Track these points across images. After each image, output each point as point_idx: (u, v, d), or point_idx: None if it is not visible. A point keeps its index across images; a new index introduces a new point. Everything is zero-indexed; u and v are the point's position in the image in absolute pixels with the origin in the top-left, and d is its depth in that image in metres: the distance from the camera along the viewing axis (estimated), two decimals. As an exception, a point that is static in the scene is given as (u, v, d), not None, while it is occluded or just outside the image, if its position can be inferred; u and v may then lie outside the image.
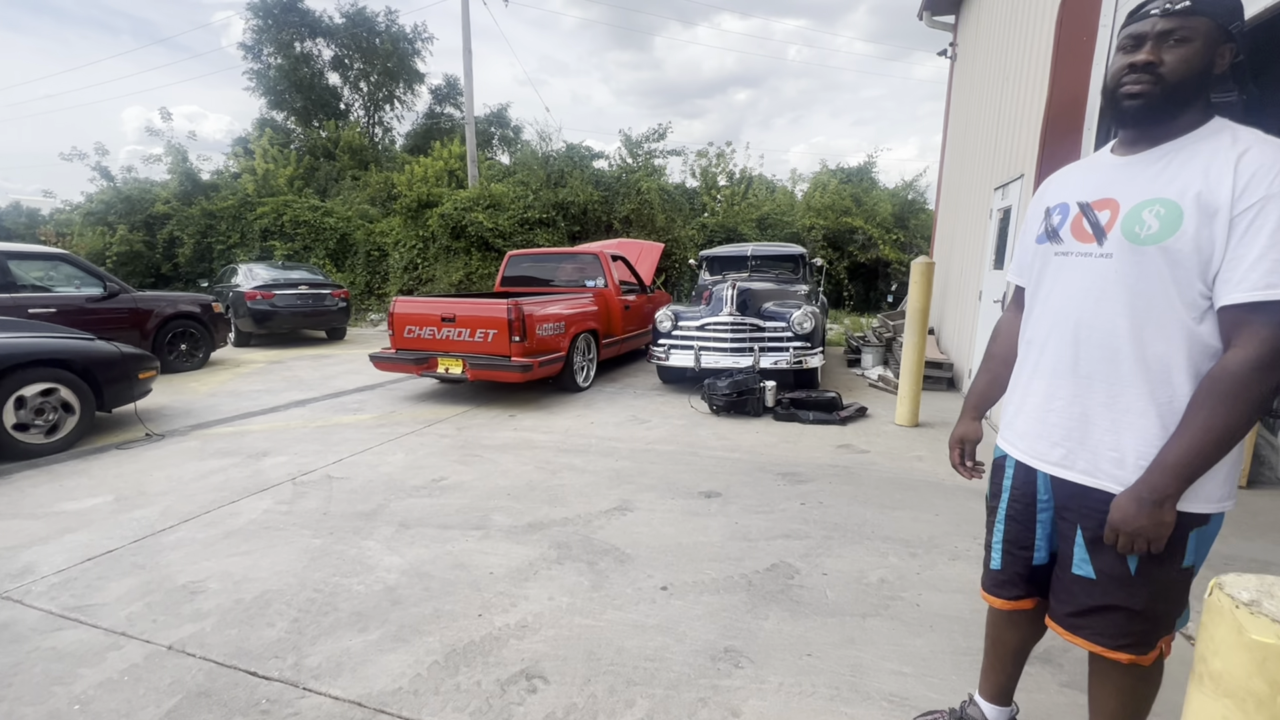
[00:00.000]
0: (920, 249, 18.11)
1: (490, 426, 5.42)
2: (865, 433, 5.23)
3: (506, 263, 8.50)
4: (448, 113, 28.89)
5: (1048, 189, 1.59)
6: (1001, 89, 6.14)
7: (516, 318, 5.87)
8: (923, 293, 5.19)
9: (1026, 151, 5.12)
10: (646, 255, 10.09)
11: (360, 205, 18.26)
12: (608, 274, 7.84)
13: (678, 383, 7.29)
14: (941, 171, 9.75)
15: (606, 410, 6.02)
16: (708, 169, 19.24)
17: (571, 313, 6.73)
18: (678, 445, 4.85)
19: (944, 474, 4.21)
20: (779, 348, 6.39)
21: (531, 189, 15.51)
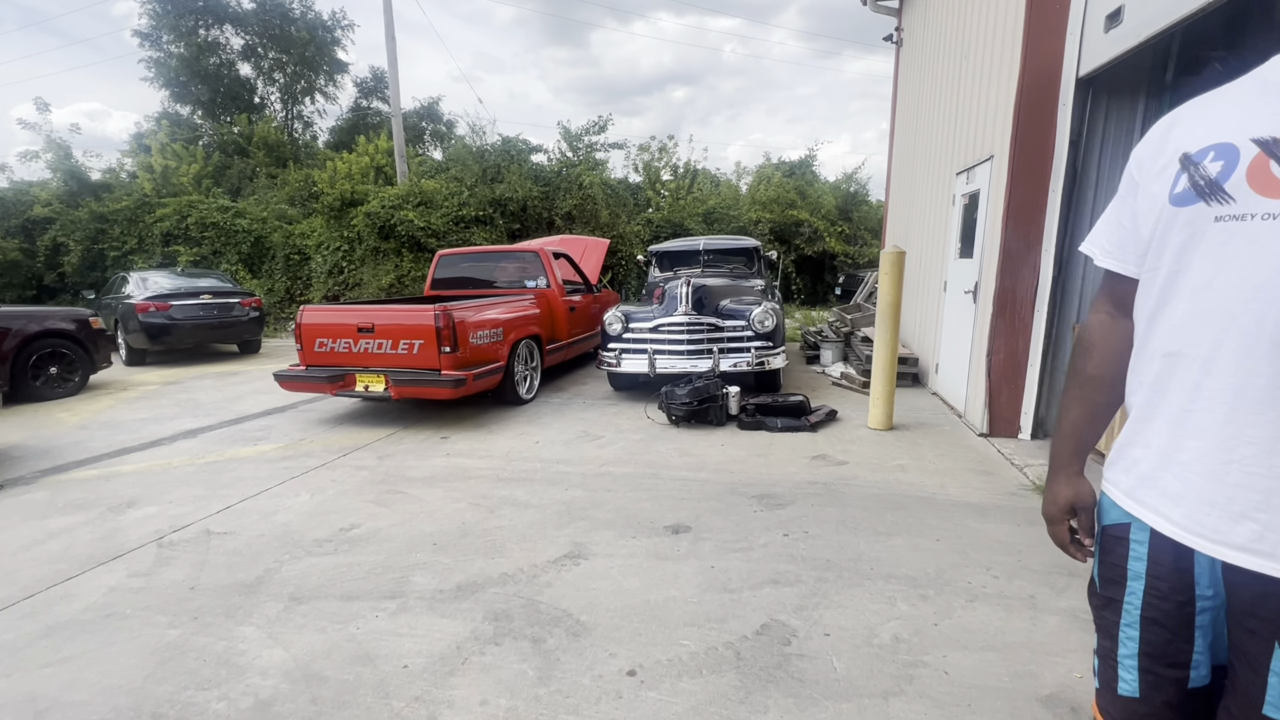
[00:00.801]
0: (865, 240, 18.19)
1: (418, 453, 4.69)
2: (839, 439, 4.79)
3: (436, 264, 7.69)
4: (375, 107, 27.29)
5: (1178, 127, 1.07)
6: (961, 69, 5.84)
7: (445, 325, 5.14)
8: (894, 285, 4.79)
9: (996, 132, 4.79)
10: (591, 252, 9.46)
11: (277, 205, 16.81)
12: (549, 273, 7.18)
13: (631, 389, 6.71)
14: (891, 159, 9.53)
15: (554, 426, 5.37)
16: (650, 163, 18.77)
17: (510, 317, 6.04)
18: (636, 466, 4.27)
19: (932, 487, 3.79)
20: (739, 349, 5.90)
21: (466, 185, 14.59)
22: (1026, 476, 3.94)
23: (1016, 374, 4.64)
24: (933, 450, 4.48)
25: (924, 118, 7.35)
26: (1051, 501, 1.21)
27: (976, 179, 5.22)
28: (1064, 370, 4.61)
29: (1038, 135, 4.35)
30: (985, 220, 4.93)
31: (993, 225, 4.74)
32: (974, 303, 5.09)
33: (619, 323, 6.14)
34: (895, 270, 4.76)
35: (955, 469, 4.08)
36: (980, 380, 4.89)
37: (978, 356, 4.98)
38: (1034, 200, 4.42)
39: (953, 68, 6.11)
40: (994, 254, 4.66)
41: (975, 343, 5.05)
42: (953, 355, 5.65)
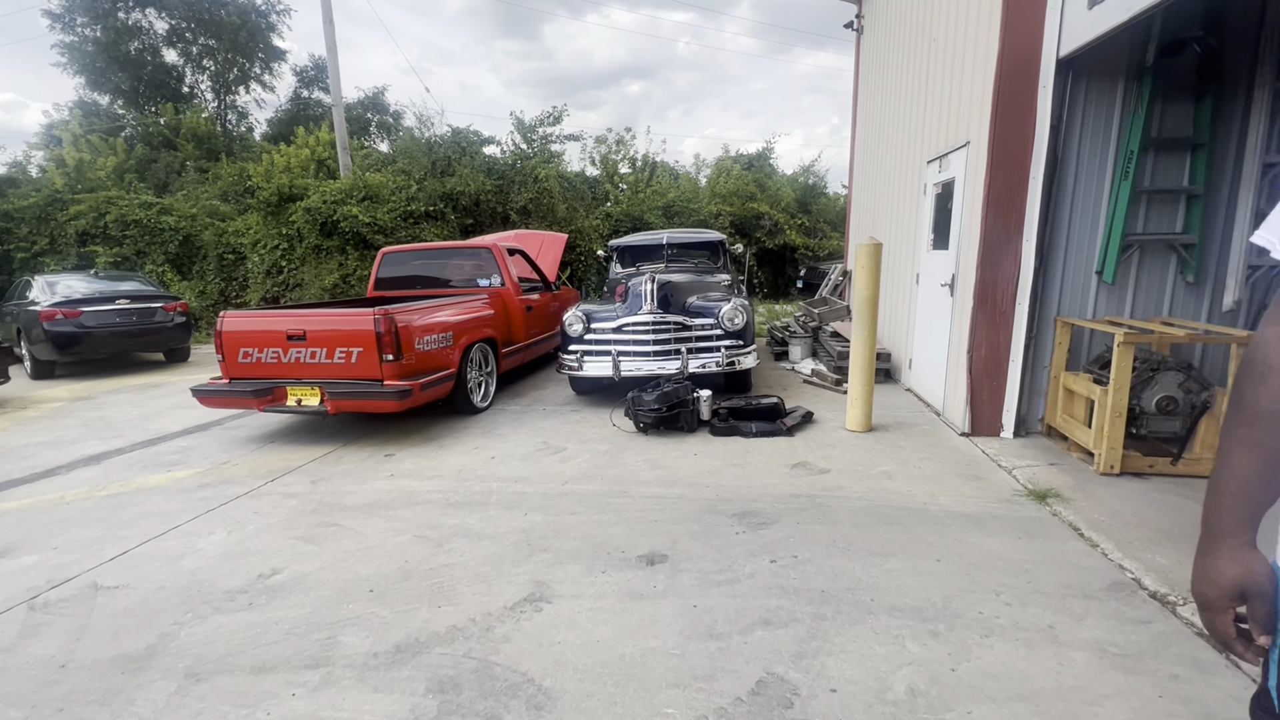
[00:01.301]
0: (824, 233, 18.18)
1: (358, 475, 4.19)
2: (817, 443, 4.51)
3: (380, 262, 7.12)
4: (316, 98, 25.94)
5: None
6: (930, 54, 5.63)
7: (387, 330, 4.64)
8: (871, 279, 4.53)
9: (972, 117, 4.57)
10: (549, 248, 9.00)
11: (209, 201, 15.68)
12: (504, 270, 6.70)
13: (595, 393, 6.31)
14: (853, 150, 9.37)
15: (511, 437, 4.93)
16: (608, 156, 18.30)
17: (462, 319, 5.56)
18: (603, 482, 3.88)
19: (922, 496, 3.53)
20: (708, 348, 5.57)
21: (414, 179, 13.86)
22: (1017, 480, 3.72)
23: (998, 371, 4.44)
24: (916, 453, 4.24)
25: (889, 106, 7.15)
26: (1210, 581, 0.87)
27: (951, 166, 5.01)
28: (1045, 366, 4.45)
29: (1017, 119, 4.14)
30: (962, 209, 4.72)
31: (971, 214, 4.53)
32: (951, 296, 4.88)
33: (580, 323, 5.73)
34: (872, 263, 4.50)
35: (942, 474, 3.84)
36: (960, 377, 4.69)
37: (956, 352, 4.78)
38: (1014, 187, 4.21)
39: (921, 53, 5.91)
40: (973, 245, 4.45)
41: (953, 338, 4.85)
42: (928, 351, 5.45)
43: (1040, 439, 4.44)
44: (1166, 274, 4.27)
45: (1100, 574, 2.65)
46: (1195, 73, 4.01)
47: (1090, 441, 3.84)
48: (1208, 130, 3.99)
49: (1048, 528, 3.10)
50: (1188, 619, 2.31)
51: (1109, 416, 3.66)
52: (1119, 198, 4.09)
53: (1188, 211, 4.15)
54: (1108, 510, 3.25)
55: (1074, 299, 4.35)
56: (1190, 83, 4.02)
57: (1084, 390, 3.96)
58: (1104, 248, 4.23)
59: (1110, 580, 2.60)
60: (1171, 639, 2.20)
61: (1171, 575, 2.60)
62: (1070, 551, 2.85)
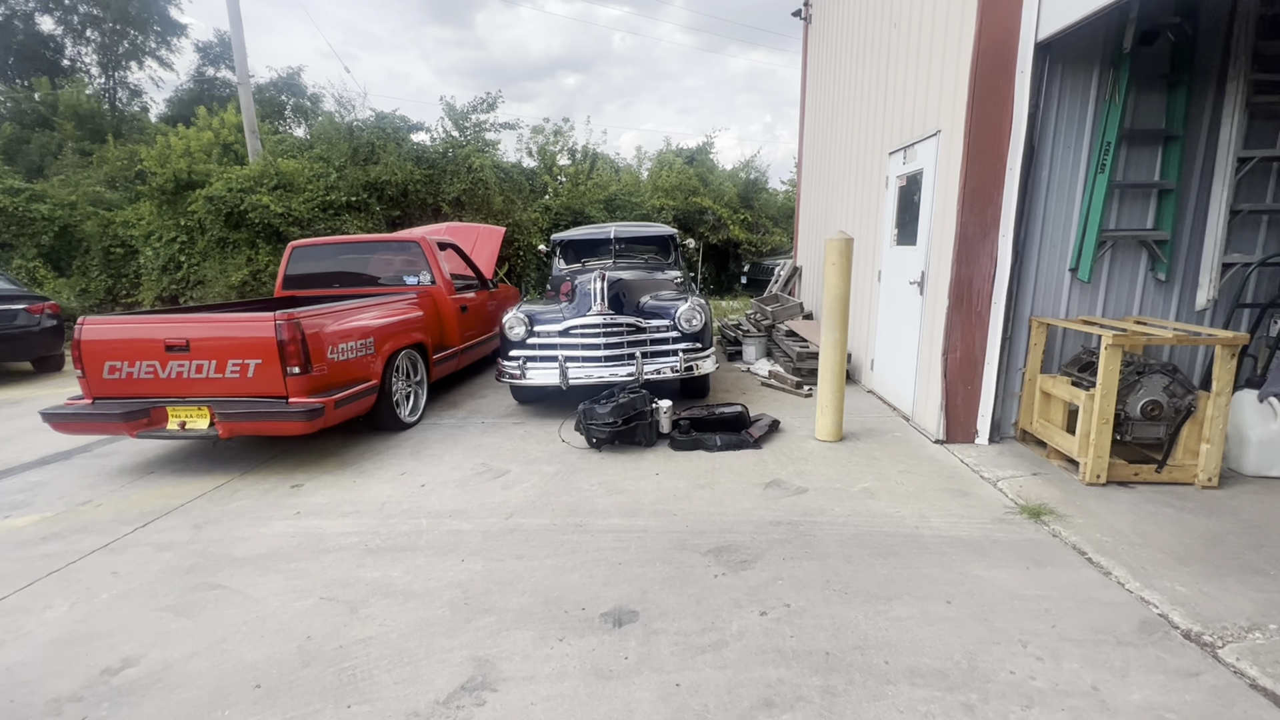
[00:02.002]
0: (766, 228, 18.13)
1: (255, 514, 3.48)
2: (788, 456, 4.13)
3: (289, 257, 6.27)
4: (223, 77, 23.77)
5: None
6: (891, 40, 5.36)
7: (292, 338, 3.92)
8: (842, 276, 4.18)
9: (943, 104, 4.29)
10: (485, 242, 8.30)
11: (92, 188, 13.93)
12: (434, 266, 6.01)
13: (539, 402, 5.74)
14: (802, 142, 9.14)
15: (445, 459, 4.31)
16: (545, 146, 17.54)
17: (385, 323, 4.86)
18: (554, 514, 3.35)
19: (911, 518, 3.20)
20: (664, 352, 5.11)
21: (334, 166, 12.72)
22: (1005, 494, 3.46)
23: (973, 374, 4.20)
24: (894, 466, 3.93)
25: (843, 96, 6.90)
26: None
27: (918, 158, 4.74)
28: (1019, 369, 4.24)
29: (994, 106, 3.87)
30: (932, 203, 4.45)
31: (944, 208, 4.26)
32: (921, 295, 4.61)
33: (521, 325, 5.14)
34: (843, 259, 4.15)
35: (927, 490, 3.53)
36: (932, 381, 4.43)
37: (927, 355, 4.52)
38: (991, 179, 3.95)
39: (880, 39, 5.64)
40: (947, 240, 4.18)
41: (924, 339, 4.59)
42: (894, 352, 5.19)
43: (1015, 445, 4.23)
44: (1138, 271, 4.14)
45: (1125, 611, 2.36)
46: (1169, 62, 3.86)
47: (1074, 449, 3.63)
48: (1181, 123, 3.85)
49: (1052, 553, 2.81)
50: (1234, 665, 2.03)
51: (1095, 423, 3.45)
52: (1094, 191, 3.90)
53: (1159, 207, 4.02)
54: (1108, 528, 3.01)
55: (1047, 298, 4.15)
56: (1163, 73, 3.87)
57: (1064, 394, 3.75)
58: (1078, 244, 4.04)
59: (1138, 619, 2.31)
60: (1229, 698, 1.91)
61: (1199, 608, 2.34)
62: (1085, 583, 2.56)
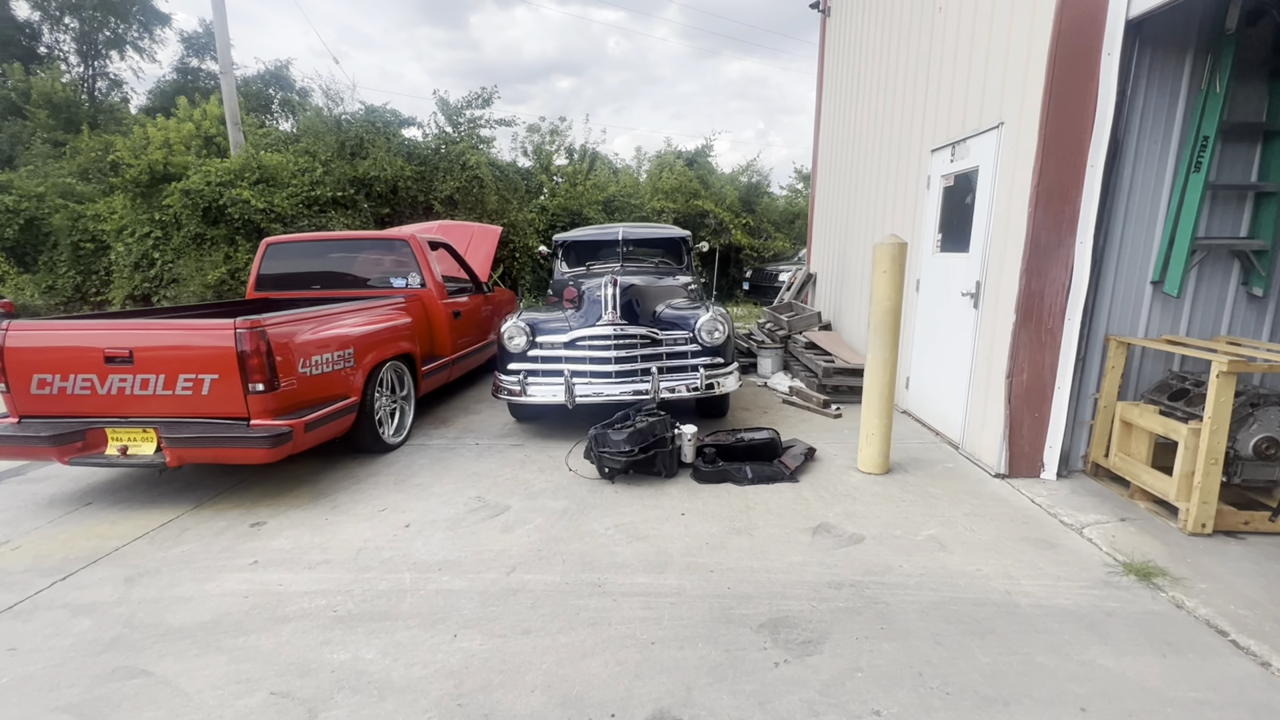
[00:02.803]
0: (768, 233, 17.66)
1: (204, 562, 2.89)
2: (831, 492, 3.59)
3: (263, 256, 5.66)
4: (208, 69, 23.04)
5: None
6: (935, 27, 4.86)
7: (255, 348, 3.33)
8: (894, 287, 3.65)
9: (1008, 93, 3.79)
10: (480, 241, 7.72)
11: (62, 179, 13.20)
12: (424, 268, 5.43)
13: (539, 419, 5.17)
14: (818, 142, 8.65)
15: (434, 490, 3.73)
16: (541, 146, 16.97)
17: (367, 330, 4.27)
18: (565, 567, 2.78)
19: (996, 579, 2.66)
20: (682, 367, 4.57)
21: (320, 160, 12.09)
22: (1097, 547, 2.93)
23: (1041, 399, 3.68)
24: (955, 505, 3.40)
25: (870, 91, 6.40)
26: None
27: (970, 154, 4.23)
28: (1092, 394, 3.73)
29: (1075, 94, 3.37)
30: (991, 204, 3.94)
31: (1008, 210, 3.75)
32: (975, 308, 4.10)
33: (522, 335, 4.58)
34: (895, 267, 3.62)
35: (1004, 540, 3.00)
36: (990, 405, 3.91)
37: (984, 375, 4.00)
38: (1068, 178, 3.45)
39: (920, 26, 5.14)
40: (1013, 247, 3.67)
41: (979, 358, 4.07)
42: (937, 371, 4.67)
43: (1087, 481, 3.72)
44: (1228, 285, 3.64)
45: (1312, 725, 1.84)
46: (1272, 47, 3.38)
47: (1170, 491, 3.12)
48: (1287, 116, 3.37)
49: (1185, 632, 2.29)
50: None
51: (1203, 463, 2.94)
52: (1187, 193, 3.41)
53: (1257, 212, 3.53)
54: (1239, 596, 2.49)
55: (1124, 314, 3.65)
56: (1266, 59, 3.39)
57: (1153, 426, 3.24)
58: (1163, 253, 3.54)
59: (1336, 739, 1.78)
60: None
61: (1407, 723, 1.82)
62: (1244, 678, 2.04)
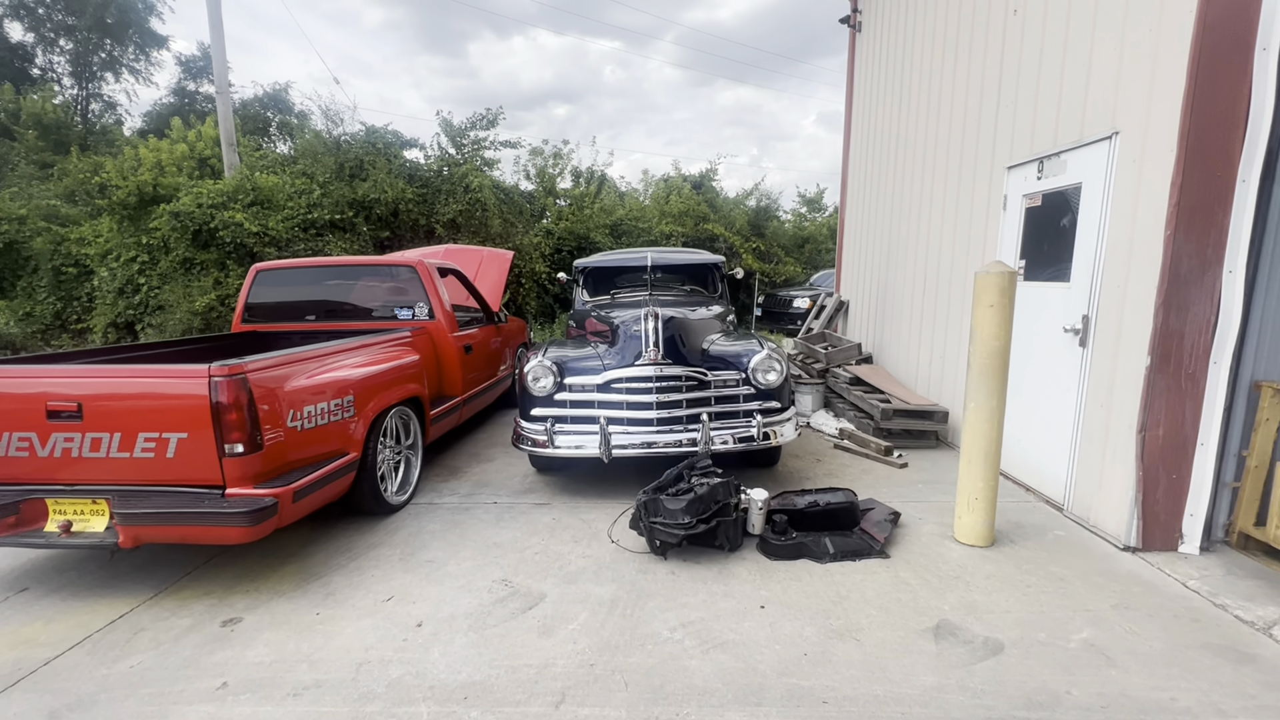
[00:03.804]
0: (778, 257, 17.22)
1: (156, 684, 2.21)
2: (934, 572, 2.96)
3: (251, 283, 5.06)
4: (204, 91, 22.73)
5: None
6: (1008, 31, 4.38)
7: (233, 400, 2.70)
8: (1003, 324, 3.07)
9: (1127, 98, 3.25)
10: (490, 267, 7.16)
11: (47, 201, 12.64)
12: (433, 297, 4.84)
13: (565, 470, 4.53)
14: (847, 162, 8.18)
15: (449, 568, 3.07)
16: (544, 169, 16.54)
17: (370, 372, 3.65)
18: (631, 700, 2.12)
19: (1202, 714, 2.02)
20: (733, 412, 3.96)
21: (318, 182, 11.58)
22: (1306, 658, 2.30)
23: (1180, 457, 3.08)
24: (1096, 593, 2.77)
25: (917, 107, 5.92)
26: None
27: (1068, 170, 3.69)
28: (1237, 453, 3.14)
29: (1224, 97, 2.83)
30: (1103, 227, 3.38)
31: (1132, 234, 3.18)
32: (1082, 347, 3.52)
33: (549, 376, 3.96)
34: (1004, 300, 3.05)
35: (1182, 649, 2.37)
36: (1110, 462, 3.31)
37: (1099, 426, 3.40)
38: (1214, 196, 2.89)
39: (985, 33, 4.66)
40: (1141, 277, 3.10)
41: (1088, 405, 3.48)
42: (1029, 416, 4.06)
43: (1236, 556, 3.10)
44: (1396, 322, 3.08)
45: None
46: None
47: None
48: None
49: None
50: None
51: None
52: (1356, 214, 2.86)
53: None
54: None
55: (1275, 357, 3.07)
56: None
57: (1339, 496, 2.63)
58: (1323, 284, 2.98)
59: None
60: None
61: None
62: None
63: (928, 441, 5.05)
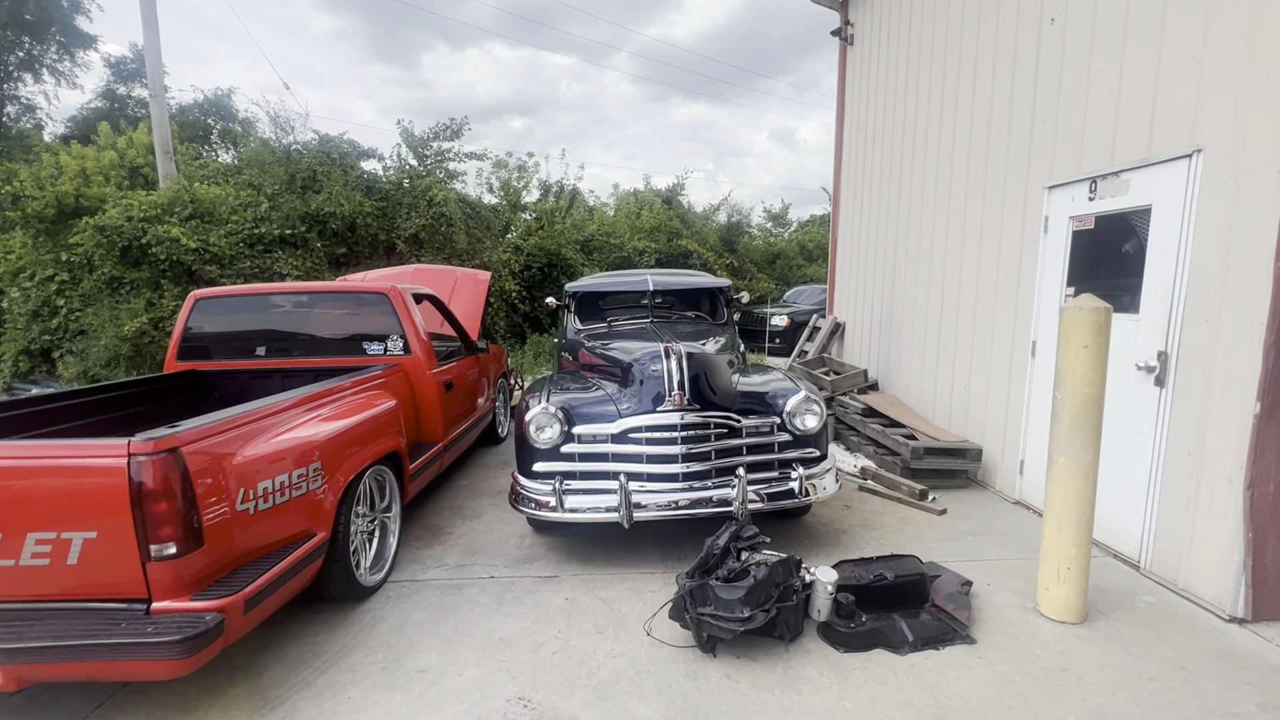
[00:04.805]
0: (751, 274, 16.98)
1: None
2: (1035, 664, 2.50)
3: (189, 313, 4.30)
4: (137, 95, 21.22)
5: None
6: (1039, 45, 4.08)
7: (162, 484, 2.04)
8: (1098, 367, 2.66)
9: (1211, 113, 2.93)
10: (465, 289, 6.49)
11: (-52, 213, 11.24)
12: (409, 329, 4.19)
13: (567, 528, 3.93)
14: (839, 178, 7.88)
15: (447, 684, 2.44)
16: (509, 182, 15.86)
17: (341, 427, 2.98)
18: None
19: None
20: (767, 463, 3.46)
21: (266, 194, 10.67)
22: None
23: (1291, 516, 2.73)
24: (1229, 687, 2.35)
25: (925, 124, 5.62)
26: None
27: (1132, 191, 3.36)
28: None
29: (1338, 110, 2.52)
30: (1183, 255, 3.05)
31: (1225, 263, 2.84)
32: (1160, 387, 3.17)
33: (554, 425, 3.38)
34: (1101, 340, 2.64)
35: (1368, 767, 1.96)
36: (1195, 517, 2.94)
37: (1183, 477, 3.04)
38: (1329, 222, 2.57)
39: (1020, 41, 4.36)
40: (1238, 313, 2.75)
41: (1170, 452, 3.11)
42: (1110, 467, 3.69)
43: (1350, 624, 2.76)
44: None
45: None
46: None
47: None
48: None
49: None
50: None
51: None
52: None
53: None
54: None
55: (1380, 398, 2.77)
56: None
57: None
58: None
59: None
60: None
61: None
62: None
63: (957, 481, 4.66)
